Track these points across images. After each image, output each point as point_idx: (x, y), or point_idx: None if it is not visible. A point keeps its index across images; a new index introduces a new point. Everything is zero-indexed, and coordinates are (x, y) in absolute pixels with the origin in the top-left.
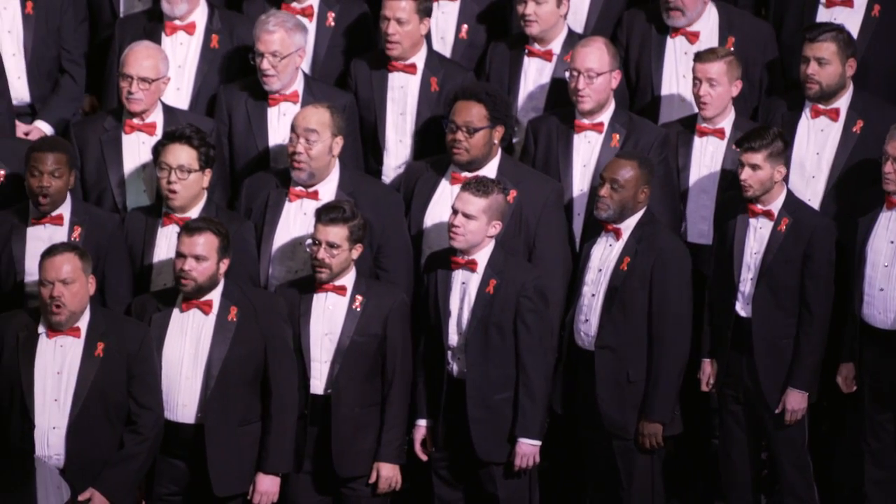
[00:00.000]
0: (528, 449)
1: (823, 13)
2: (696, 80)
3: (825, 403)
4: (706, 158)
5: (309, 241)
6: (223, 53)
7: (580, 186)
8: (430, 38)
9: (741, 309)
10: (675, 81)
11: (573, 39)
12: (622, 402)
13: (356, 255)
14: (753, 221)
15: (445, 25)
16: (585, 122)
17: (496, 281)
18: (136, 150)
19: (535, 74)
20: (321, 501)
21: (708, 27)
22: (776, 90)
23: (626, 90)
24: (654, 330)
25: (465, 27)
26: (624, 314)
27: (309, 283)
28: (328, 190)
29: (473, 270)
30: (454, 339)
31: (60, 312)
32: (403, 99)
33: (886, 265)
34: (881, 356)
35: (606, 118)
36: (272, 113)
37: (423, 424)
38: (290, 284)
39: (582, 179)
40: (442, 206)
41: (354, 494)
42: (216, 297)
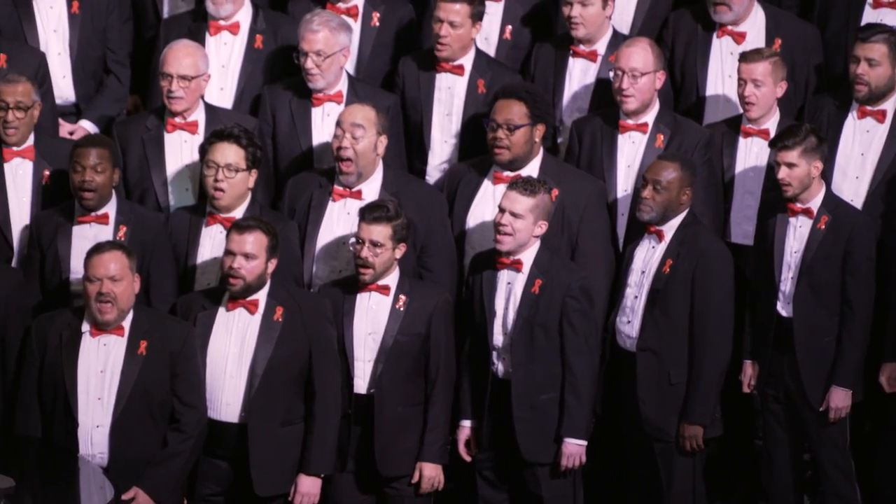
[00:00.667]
0: (574, 449)
1: (870, 14)
2: (741, 80)
3: (868, 403)
4: (751, 159)
5: (352, 239)
6: (267, 54)
7: (624, 187)
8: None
9: (782, 308)
10: (720, 81)
11: (618, 40)
12: (663, 404)
13: (399, 254)
14: (793, 220)
15: (489, 26)
16: (630, 122)
17: (542, 281)
18: (178, 148)
19: (579, 75)
20: (364, 501)
21: (755, 28)
22: (821, 92)
23: (670, 92)
24: (695, 332)
25: (509, 28)
26: (666, 316)
27: (352, 282)
28: (372, 190)
29: (519, 270)
30: (499, 339)
31: (109, 310)
32: (450, 100)
33: None
34: None
35: (651, 118)
36: (316, 113)
37: (467, 425)
38: (333, 284)
39: (626, 180)
40: (484, 206)
41: (397, 494)
42: (262, 296)
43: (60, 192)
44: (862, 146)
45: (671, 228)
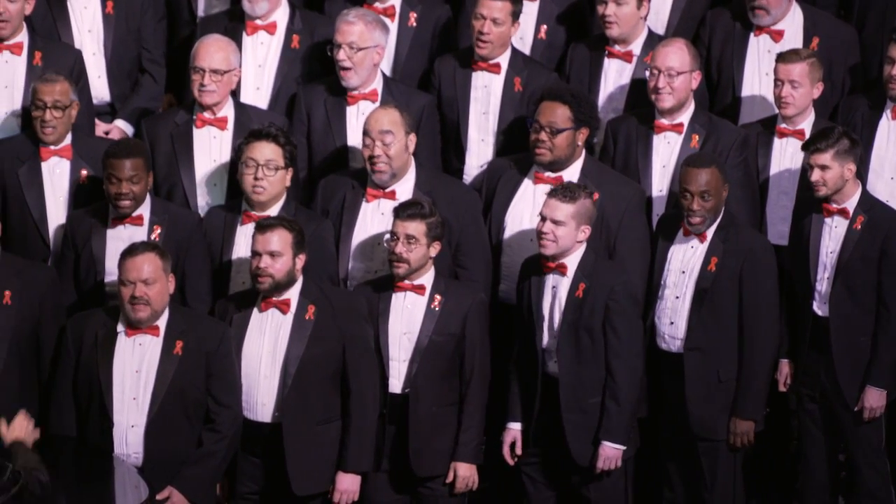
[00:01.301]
0: (611, 452)
1: None
2: (777, 80)
3: None
4: (786, 160)
5: (387, 235)
6: (303, 53)
7: (659, 187)
8: None
9: (818, 308)
10: (757, 80)
11: (653, 41)
12: (712, 402)
13: (434, 252)
14: (828, 220)
15: (525, 26)
16: (665, 122)
17: (585, 284)
18: (206, 144)
19: (614, 75)
20: (398, 500)
21: (793, 27)
22: (857, 92)
23: (706, 93)
24: (746, 327)
25: (544, 27)
26: (714, 315)
27: (387, 282)
28: (405, 189)
29: (564, 274)
30: (547, 342)
31: (143, 309)
32: (487, 98)
33: None
34: None
35: (686, 118)
36: (351, 112)
37: (515, 428)
38: (368, 284)
39: (661, 180)
40: (524, 205)
41: (431, 494)
42: (294, 295)
43: (96, 191)
44: None
45: (712, 228)
